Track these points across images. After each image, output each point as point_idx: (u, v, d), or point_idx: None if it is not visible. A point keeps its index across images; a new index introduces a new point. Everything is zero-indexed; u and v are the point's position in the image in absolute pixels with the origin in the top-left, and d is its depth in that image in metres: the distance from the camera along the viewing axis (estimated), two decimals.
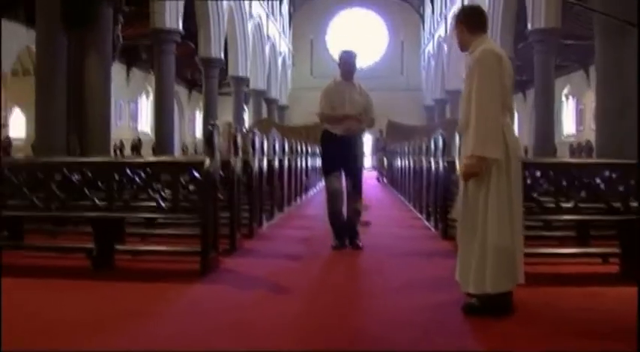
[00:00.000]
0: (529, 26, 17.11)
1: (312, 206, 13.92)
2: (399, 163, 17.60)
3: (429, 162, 10.15)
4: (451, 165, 9.05)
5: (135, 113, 30.93)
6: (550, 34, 16.77)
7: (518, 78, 25.83)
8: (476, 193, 4.33)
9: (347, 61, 7.43)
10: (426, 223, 10.04)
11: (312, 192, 18.14)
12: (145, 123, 31.65)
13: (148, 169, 6.00)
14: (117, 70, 28.08)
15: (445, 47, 32.97)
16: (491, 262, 4.22)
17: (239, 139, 8.50)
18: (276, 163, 10.95)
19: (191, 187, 6.13)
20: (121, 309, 4.55)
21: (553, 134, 17.30)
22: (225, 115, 32.11)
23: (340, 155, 7.18)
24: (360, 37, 44.20)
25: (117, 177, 5.94)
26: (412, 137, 19.40)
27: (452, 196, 8.26)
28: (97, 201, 5.87)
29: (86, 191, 5.93)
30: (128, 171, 5.94)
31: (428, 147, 11.39)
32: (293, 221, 10.62)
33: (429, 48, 40.16)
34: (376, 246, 7.50)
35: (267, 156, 10.07)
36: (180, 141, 35.56)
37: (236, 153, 8.24)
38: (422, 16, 42.84)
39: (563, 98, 31.18)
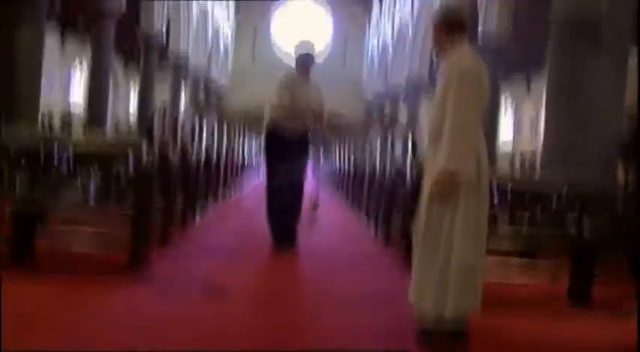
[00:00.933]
0: (480, 28, 16.92)
1: (246, 196, 13.52)
2: (337, 159, 17.32)
3: (373, 165, 9.88)
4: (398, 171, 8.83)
5: (67, 84, 29.76)
6: (499, 39, 16.65)
7: None
8: (442, 211, 4.00)
9: (305, 55, 7.06)
10: (366, 226, 9.76)
11: (248, 184, 17.72)
12: (78, 95, 30.47)
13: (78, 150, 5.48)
14: (50, 36, 26.97)
15: (390, 43, 32.79)
16: (454, 284, 3.88)
17: (179, 123, 8.03)
18: (214, 150, 10.48)
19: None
20: (40, 306, 4.15)
21: (495, 145, 17.13)
22: (161, 92, 31.21)
23: (287, 161, 6.82)
24: (304, 27, 43.73)
25: (42, 158, 5.40)
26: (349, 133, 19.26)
27: (395, 202, 8.01)
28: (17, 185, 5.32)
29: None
30: (56, 149, 5.40)
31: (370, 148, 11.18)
32: (230, 212, 10.21)
33: (374, 42, 39.99)
34: (314, 246, 7.18)
35: (206, 142, 9.61)
36: (113, 117, 34.44)
37: (175, 138, 7.78)
38: (369, 11, 42.60)
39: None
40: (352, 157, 13.84)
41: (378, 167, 9.30)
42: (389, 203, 8.02)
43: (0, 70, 9.98)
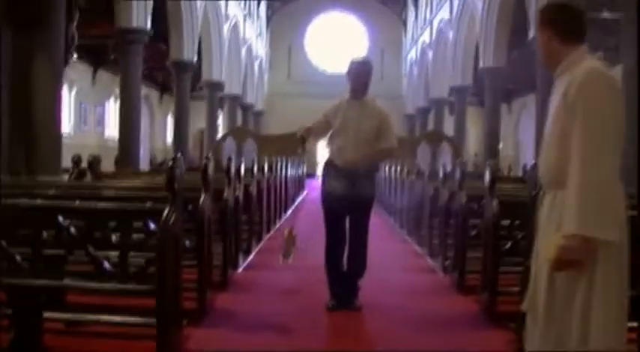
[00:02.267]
0: (530, 34, 15.71)
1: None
2: (385, 179, 16.13)
3: (437, 189, 8.69)
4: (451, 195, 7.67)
5: (102, 117, 29.13)
6: None
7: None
8: (570, 285, 2.83)
9: (357, 73, 5.76)
10: (430, 262, 8.55)
11: (293, 206, 16.64)
12: (114, 127, 29.77)
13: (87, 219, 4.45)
14: (82, 72, 26.41)
15: (430, 54, 31.59)
16: None
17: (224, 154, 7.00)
18: (254, 187, 9.40)
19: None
20: None
21: None
22: (198, 121, 30.49)
23: (343, 195, 5.65)
24: (339, 41, 42.76)
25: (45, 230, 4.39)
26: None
27: (466, 237, 6.82)
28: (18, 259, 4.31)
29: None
30: (60, 219, 4.37)
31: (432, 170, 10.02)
32: (274, 256, 9.05)
33: (412, 54, 38.81)
34: (377, 305, 5.99)
35: (245, 180, 8.53)
36: (150, 148, 33.83)
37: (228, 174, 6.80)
38: (404, 22, 41.49)
39: None
40: (403, 180, 12.64)
41: (445, 194, 8.08)
42: (460, 240, 6.82)
43: (17, 120, 9.08)
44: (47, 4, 9.44)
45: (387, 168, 15.56)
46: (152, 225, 4.33)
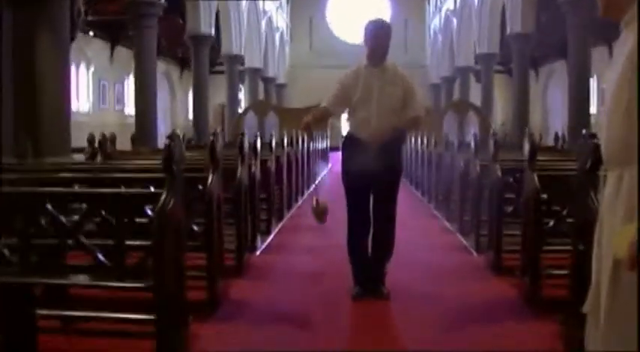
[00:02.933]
0: None
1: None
2: (411, 151, 15.53)
3: (467, 162, 8.11)
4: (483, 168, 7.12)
5: (121, 95, 28.69)
6: (584, 3, 14.58)
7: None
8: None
9: (375, 34, 5.16)
10: (462, 240, 8.00)
11: (317, 181, 16.12)
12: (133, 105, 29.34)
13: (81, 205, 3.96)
14: (100, 49, 25.97)
15: (454, 21, 30.70)
16: None
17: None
18: (273, 163, 8.87)
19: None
20: None
21: (589, 117, 15.11)
22: (218, 96, 29.98)
23: (368, 168, 5.08)
24: (361, 11, 41.84)
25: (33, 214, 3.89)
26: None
27: (503, 212, 6.26)
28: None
29: None
30: (49, 207, 3.87)
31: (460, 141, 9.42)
32: (296, 236, 8.56)
33: (435, 22, 37.85)
34: (406, 292, 5.45)
35: (262, 155, 8.02)
36: (171, 124, 33.43)
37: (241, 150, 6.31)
38: None
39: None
40: (431, 152, 12.05)
41: (477, 167, 7.50)
42: (496, 217, 6.25)
43: (22, 99, 8.62)
44: None
45: (412, 140, 14.95)
46: (149, 212, 3.83)
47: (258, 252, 7.15)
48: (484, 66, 24.85)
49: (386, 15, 41.27)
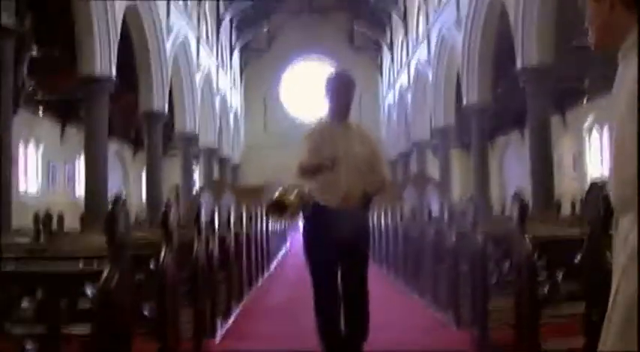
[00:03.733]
0: (518, 64, 14.88)
1: (279, 285, 11.23)
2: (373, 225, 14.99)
3: (439, 232, 7.61)
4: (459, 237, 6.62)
5: (72, 175, 27.84)
6: (543, 72, 14.54)
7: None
8: None
9: (337, 88, 4.72)
10: (438, 315, 7.41)
11: (276, 261, 15.48)
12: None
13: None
14: (50, 129, 25.27)
15: (409, 96, 30.82)
16: None
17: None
18: (232, 240, 8.26)
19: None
20: None
21: (552, 185, 14.88)
22: (173, 176, 29.32)
23: (335, 239, 4.50)
24: (315, 90, 41.96)
25: None
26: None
27: (488, 283, 5.72)
28: None
29: None
30: None
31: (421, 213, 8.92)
32: (259, 320, 7.88)
33: (389, 99, 38.07)
34: None
35: (220, 231, 7.41)
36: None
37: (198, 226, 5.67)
38: (380, 67, 40.84)
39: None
40: (396, 225, 11.54)
41: (436, 235, 7.02)
42: (481, 289, 5.70)
43: None
44: None
45: (374, 215, 14.45)
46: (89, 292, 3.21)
47: (217, 339, 6.45)
48: (441, 139, 24.78)
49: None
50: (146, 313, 4.51)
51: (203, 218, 5.79)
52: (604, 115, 20.94)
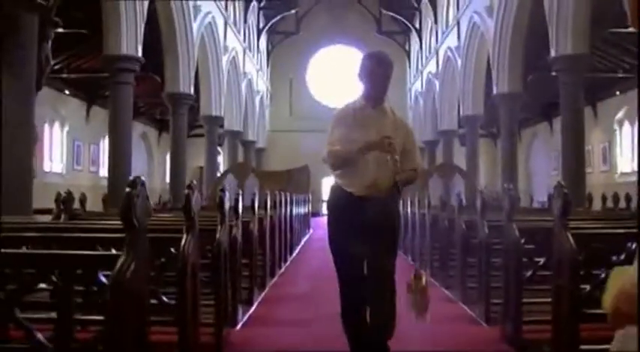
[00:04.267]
0: (552, 53, 14.48)
1: (302, 272, 11.03)
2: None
3: (471, 223, 7.35)
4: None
5: (96, 156, 27.84)
6: (578, 61, 14.13)
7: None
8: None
9: (374, 69, 4.39)
10: (466, 310, 7.16)
11: (299, 247, 15.29)
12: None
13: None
14: (76, 108, 25.25)
15: (437, 83, 30.41)
16: None
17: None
18: (255, 225, 8.05)
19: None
20: None
21: (584, 178, 14.52)
22: (197, 159, 29.24)
23: (360, 228, 4.27)
24: (341, 75, 41.65)
25: None
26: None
27: (522, 278, 5.46)
28: None
29: None
30: None
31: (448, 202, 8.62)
32: (281, 307, 7.68)
33: (417, 86, 37.63)
34: None
35: (244, 217, 7.21)
36: (149, 187, 32.54)
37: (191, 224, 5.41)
38: (407, 53, 40.38)
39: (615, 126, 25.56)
40: (424, 214, 11.27)
41: (467, 227, 6.76)
42: (514, 284, 5.44)
43: None
44: (13, 19, 8.20)
45: (401, 202, 14.18)
46: (103, 279, 3.00)
47: (238, 326, 6.27)
48: (469, 128, 24.37)
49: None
50: (165, 300, 4.33)
51: (226, 202, 5.56)
52: (636, 107, 20.40)
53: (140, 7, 15.12)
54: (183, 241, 4.15)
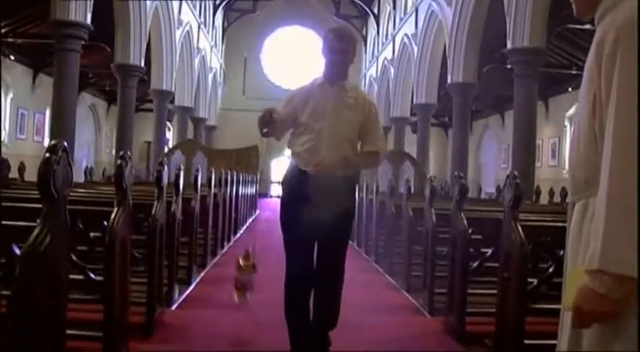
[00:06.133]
0: (508, 45, 14.43)
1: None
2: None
3: (418, 211, 7.20)
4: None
5: (41, 125, 27.04)
6: (534, 54, 14.11)
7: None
8: (600, 338, 1.76)
9: (335, 45, 4.13)
10: (410, 299, 7.02)
11: (244, 228, 15.04)
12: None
13: None
14: (21, 75, 24.45)
15: (392, 70, 30.30)
16: None
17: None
18: (197, 203, 7.78)
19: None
20: None
21: (533, 172, 14.56)
22: (146, 134, 28.70)
23: (313, 211, 4.04)
24: (297, 57, 41.31)
25: None
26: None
27: (468, 269, 5.32)
28: None
29: None
30: None
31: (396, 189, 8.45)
32: (221, 288, 7.42)
33: (372, 71, 37.50)
34: None
35: (184, 193, 6.93)
36: (95, 160, 31.91)
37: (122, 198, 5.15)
38: (364, 38, 40.18)
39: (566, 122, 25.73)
40: (371, 199, 11.13)
41: (414, 214, 6.61)
42: (460, 275, 5.30)
43: None
44: None
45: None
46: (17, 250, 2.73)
47: (174, 307, 6.01)
48: (421, 116, 24.34)
49: (320, 61, 40.83)
50: (93, 276, 4.06)
51: (164, 177, 5.28)
52: None
53: None
54: (113, 215, 3.88)
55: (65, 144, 2.73)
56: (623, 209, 1.62)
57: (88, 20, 14.31)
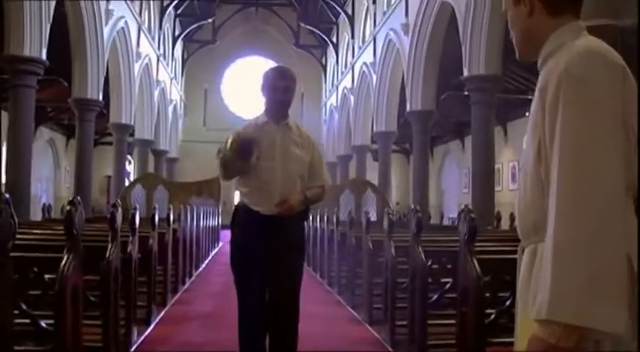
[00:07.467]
0: (465, 73, 14.61)
1: (207, 289, 10.65)
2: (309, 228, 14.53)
3: (378, 243, 7.19)
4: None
5: None
6: (490, 81, 14.30)
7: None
8: None
9: (276, 84, 4.16)
10: (375, 334, 6.96)
11: (206, 261, 14.89)
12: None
13: None
14: None
15: (352, 99, 30.48)
16: None
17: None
18: (155, 241, 7.67)
19: None
20: None
21: (493, 196, 14.66)
22: (106, 168, 28.39)
23: (266, 252, 4.00)
24: (257, 87, 41.19)
25: None
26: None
27: (427, 301, 5.30)
28: None
29: None
30: None
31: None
32: (182, 328, 7.30)
33: (332, 100, 37.65)
34: None
35: (141, 231, 6.83)
36: (55, 196, 31.47)
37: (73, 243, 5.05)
38: (324, 67, 40.40)
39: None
40: (332, 231, 11.09)
41: (374, 246, 6.60)
42: (421, 307, 5.28)
43: None
44: None
45: (310, 217, 13.98)
46: None
47: (132, 349, 5.89)
48: (382, 144, 24.47)
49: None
50: (44, 325, 3.96)
51: (118, 218, 5.19)
52: None
53: (46, 7, 14.42)
54: (62, 262, 3.79)
55: (7, 196, 2.65)
56: (570, 256, 1.60)
57: (44, 55, 14.14)
